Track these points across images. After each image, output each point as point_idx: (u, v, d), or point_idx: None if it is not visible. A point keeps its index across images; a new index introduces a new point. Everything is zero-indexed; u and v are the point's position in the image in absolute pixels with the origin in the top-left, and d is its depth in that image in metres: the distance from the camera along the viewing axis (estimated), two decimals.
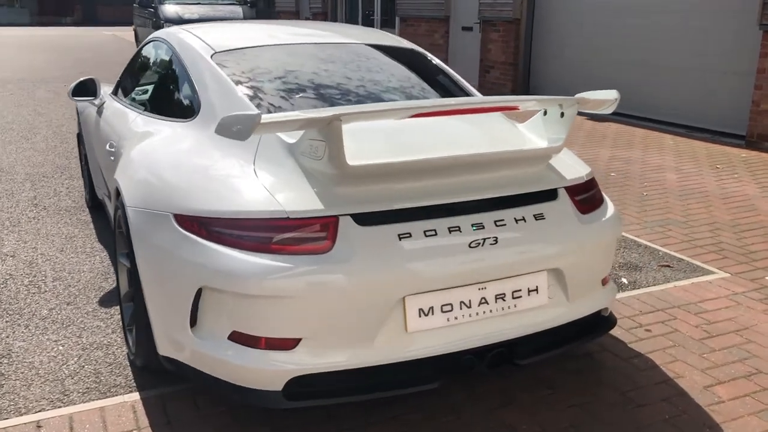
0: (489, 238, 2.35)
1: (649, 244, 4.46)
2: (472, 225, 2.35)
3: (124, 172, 2.81)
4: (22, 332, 3.22)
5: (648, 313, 3.46)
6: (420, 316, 2.29)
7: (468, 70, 12.02)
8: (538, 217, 2.47)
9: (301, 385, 2.27)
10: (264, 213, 2.21)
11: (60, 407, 2.65)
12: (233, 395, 2.30)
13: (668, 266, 4.09)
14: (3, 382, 2.80)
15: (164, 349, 2.48)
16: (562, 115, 2.58)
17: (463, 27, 12.19)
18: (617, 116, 9.28)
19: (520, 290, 2.44)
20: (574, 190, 2.63)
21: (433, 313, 2.31)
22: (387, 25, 14.79)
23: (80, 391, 2.76)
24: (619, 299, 3.62)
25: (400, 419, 2.56)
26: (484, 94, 11.57)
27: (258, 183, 2.33)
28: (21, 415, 2.59)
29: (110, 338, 3.17)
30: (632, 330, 3.29)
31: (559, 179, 2.60)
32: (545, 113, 2.68)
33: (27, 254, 4.18)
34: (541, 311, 2.50)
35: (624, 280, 3.88)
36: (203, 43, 3.24)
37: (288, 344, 2.22)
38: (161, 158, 2.67)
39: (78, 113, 5.05)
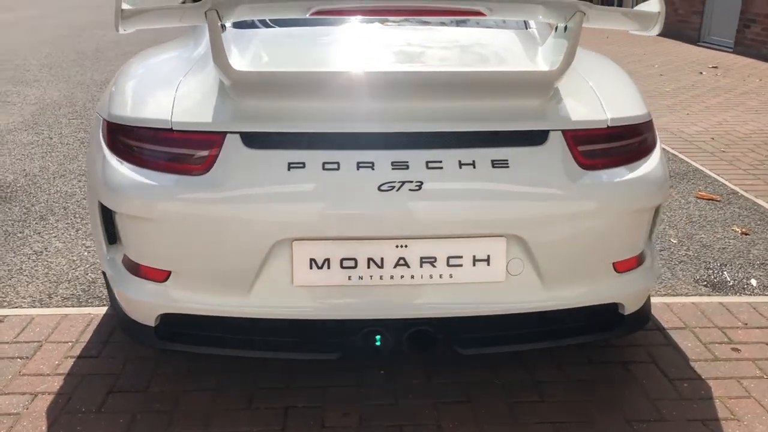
0: (409, 182, 1.79)
1: None
2: (392, 163, 1.81)
3: None
4: (69, 235, 3.35)
5: (754, 329, 2.52)
6: (312, 268, 1.84)
7: (723, 25, 10.21)
8: (498, 164, 1.83)
9: (175, 326, 1.98)
10: (150, 121, 1.92)
11: (33, 307, 2.67)
12: (121, 325, 2.09)
13: None
14: (14, 275, 2.92)
15: (102, 264, 2.35)
16: (566, 29, 1.87)
17: None
18: None
19: (460, 257, 1.85)
20: (579, 136, 1.91)
21: (329, 267, 1.84)
22: None
23: (64, 296, 2.76)
24: (725, 303, 2.69)
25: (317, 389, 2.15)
26: (740, 52, 9.73)
27: (171, 90, 2.03)
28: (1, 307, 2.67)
29: None
30: (711, 345, 2.41)
31: (554, 119, 1.89)
32: (556, 29, 1.97)
33: None
34: (494, 289, 1.88)
35: (753, 282, 2.89)
36: None
37: (159, 276, 1.93)
38: (128, 69, 2.50)
39: None
